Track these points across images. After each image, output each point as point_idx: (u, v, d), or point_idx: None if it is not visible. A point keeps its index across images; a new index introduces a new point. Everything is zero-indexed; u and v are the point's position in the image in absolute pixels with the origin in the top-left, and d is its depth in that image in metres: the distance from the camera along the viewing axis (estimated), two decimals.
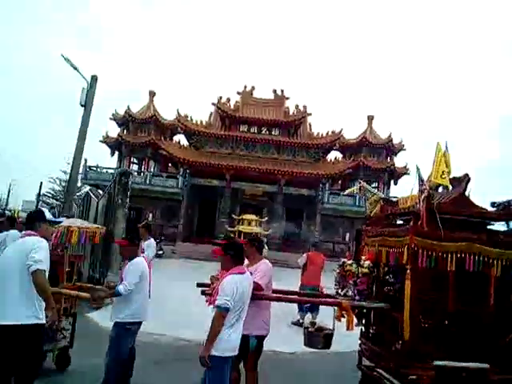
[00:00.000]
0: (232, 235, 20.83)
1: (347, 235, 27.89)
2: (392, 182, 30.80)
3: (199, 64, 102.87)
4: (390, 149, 30.53)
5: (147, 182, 27.49)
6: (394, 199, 4.81)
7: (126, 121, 29.65)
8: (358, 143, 30.39)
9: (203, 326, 3.58)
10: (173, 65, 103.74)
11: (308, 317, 7.74)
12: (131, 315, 4.14)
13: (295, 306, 8.37)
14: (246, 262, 4.18)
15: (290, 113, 29.66)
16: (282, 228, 27.67)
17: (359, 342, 4.87)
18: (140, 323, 4.30)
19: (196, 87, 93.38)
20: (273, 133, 28.95)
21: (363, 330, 4.84)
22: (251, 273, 3.87)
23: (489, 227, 4.42)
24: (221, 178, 26.83)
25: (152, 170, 29.60)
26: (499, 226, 4.40)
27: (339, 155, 31.07)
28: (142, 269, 4.23)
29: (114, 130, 30.75)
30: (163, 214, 27.96)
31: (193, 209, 28.48)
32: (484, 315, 4.09)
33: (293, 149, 28.72)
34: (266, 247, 23.56)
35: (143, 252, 5.88)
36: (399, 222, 4.79)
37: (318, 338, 4.37)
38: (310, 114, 30.11)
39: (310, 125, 30.60)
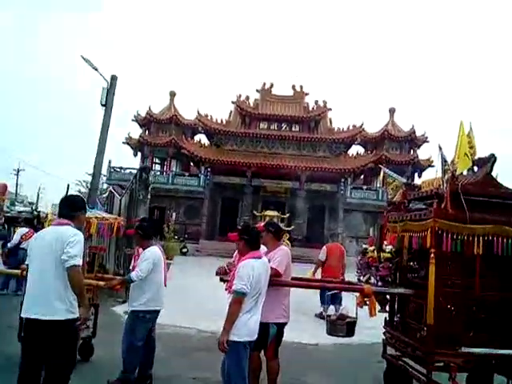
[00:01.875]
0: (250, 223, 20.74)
1: (370, 230, 27.44)
2: (416, 175, 30.08)
3: (217, 63, 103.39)
4: (412, 141, 29.86)
5: (170, 181, 27.82)
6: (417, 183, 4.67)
7: (147, 122, 30.08)
8: (379, 137, 29.86)
9: None
10: (191, 65, 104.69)
11: (331, 309, 7.62)
12: (146, 303, 4.15)
13: (318, 299, 8.25)
14: (264, 249, 4.14)
15: (310, 108, 29.43)
16: (305, 224, 27.49)
17: (383, 330, 4.75)
18: (156, 312, 4.30)
19: (215, 86, 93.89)
20: (293, 129, 28.78)
21: (387, 318, 4.71)
22: (269, 260, 3.83)
23: None
24: (242, 176, 26.85)
25: (174, 169, 29.92)
26: None
27: (361, 149, 30.66)
28: (155, 257, 4.21)
29: (136, 131, 31.30)
30: (186, 212, 28.21)
31: (215, 207, 28.61)
32: None
33: (314, 144, 28.47)
34: (288, 242, 23.56)
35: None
36: (422, 206, 4.64)
37: (341, 325, 4.30)
38: (330, 109, 29.77)
39: (330, 120, 30.23)
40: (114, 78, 10.67)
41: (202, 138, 30.76)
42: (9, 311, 5.36)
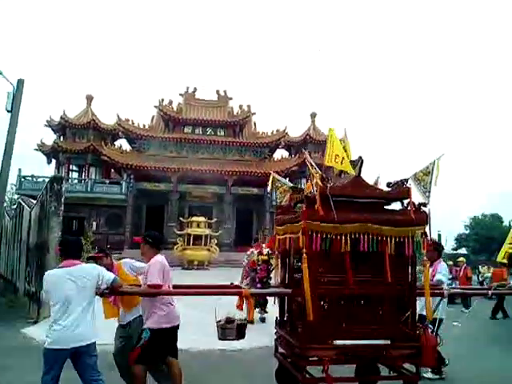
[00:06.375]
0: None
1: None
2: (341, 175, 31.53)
3: (138, 67, 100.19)
4: None
5: (89, 189, 26.51)
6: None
7: (62, 127, 28.39)
8: (302, 140, 31.05)
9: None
10: (109, 68, 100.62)
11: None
12: None
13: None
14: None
15: (235, 113, 29.75)
16: (233, 228, 27.64)
17: (275, 330, 4.88)
18: None
19: (136, 91, 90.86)
20: (218, 133, 28.89)
21: (278, 318, 4.86)
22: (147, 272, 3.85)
23: (388, 207, 4.56)
24: (167, 182, 26.35)
25: (94, 176, 28.53)
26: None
27: (285, 153, 31.56)
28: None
29: (50, 137, 29.39)
30: (108, 221, 27.08)
31: (140, 214, 27.74)
32: (382, 293, 4.22)
33: (239, 148, 28.80)
34: (216, 248, 23.47)
35: None
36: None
37: (230, 329, 4.35)
38: (255, 114, 30.36)
39: (254, 124, 30.82)
40: (20, 82, 9.96)
41: (123, 143, 29.72)
42: None
